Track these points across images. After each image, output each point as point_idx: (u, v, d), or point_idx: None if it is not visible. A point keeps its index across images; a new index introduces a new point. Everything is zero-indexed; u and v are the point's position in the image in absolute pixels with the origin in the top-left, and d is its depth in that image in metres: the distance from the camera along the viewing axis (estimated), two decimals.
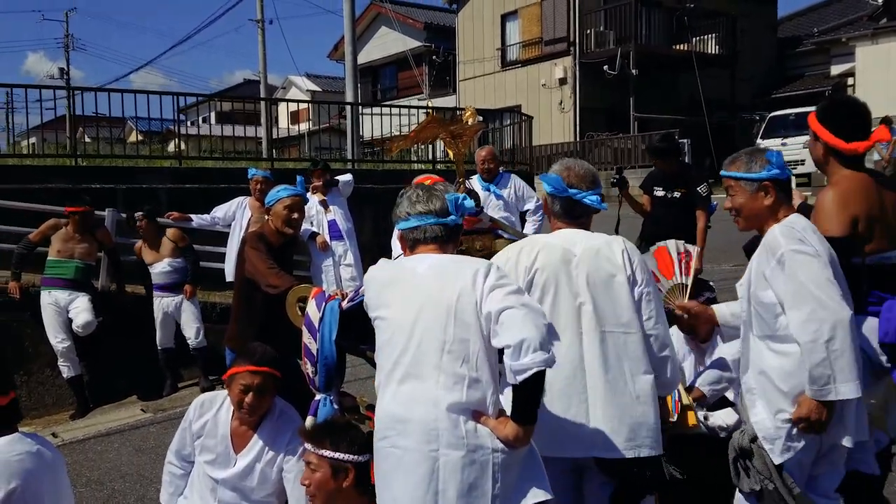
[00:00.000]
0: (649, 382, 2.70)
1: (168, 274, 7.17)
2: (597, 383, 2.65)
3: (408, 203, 2.58)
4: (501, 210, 6.62)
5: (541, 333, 2.22)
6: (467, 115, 3.93)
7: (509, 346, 2.23)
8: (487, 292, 2.34)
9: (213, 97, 20.13)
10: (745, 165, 2.88)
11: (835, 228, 2.95)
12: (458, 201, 2.56)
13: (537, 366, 2.19)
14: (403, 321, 2.43)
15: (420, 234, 2.55)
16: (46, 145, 16.73)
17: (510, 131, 15.13)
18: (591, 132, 21.32)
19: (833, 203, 2.99)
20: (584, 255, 2.75)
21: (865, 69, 17.04)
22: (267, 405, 3.29)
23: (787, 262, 2.69)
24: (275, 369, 3.28)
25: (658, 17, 21.86)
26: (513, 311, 2.27)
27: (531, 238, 2.95)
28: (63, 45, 39.56)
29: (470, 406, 2.36)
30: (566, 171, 2.85)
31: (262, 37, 24.36)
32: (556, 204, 2.85)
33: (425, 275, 2.46)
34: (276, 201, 4.14)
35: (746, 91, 23.74)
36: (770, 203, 2.83)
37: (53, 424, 6.99)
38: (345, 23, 14.40)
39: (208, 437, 3.33)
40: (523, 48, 23.58)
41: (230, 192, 8.00)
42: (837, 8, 25.51)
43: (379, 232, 9.55)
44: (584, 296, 2.70)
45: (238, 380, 3.21)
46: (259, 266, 3.88)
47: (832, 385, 2.60)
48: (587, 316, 2.69)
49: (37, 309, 6.99)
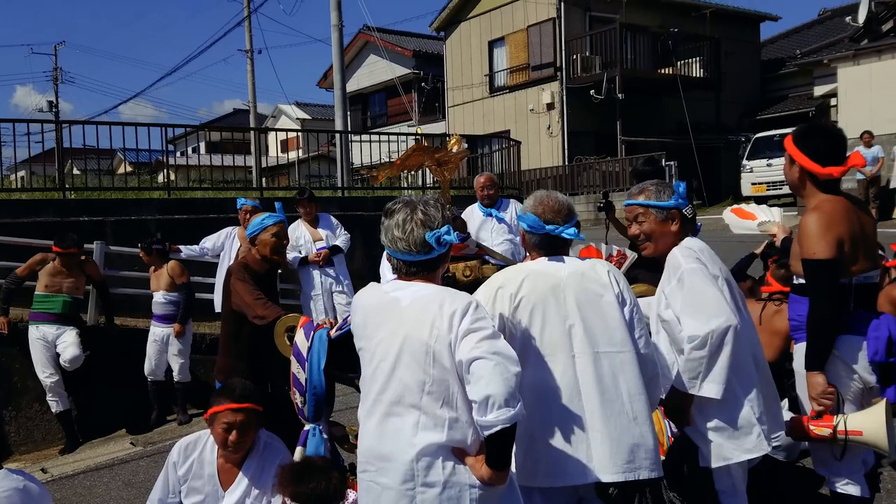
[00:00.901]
0: (646, 402, 2.69)
1: (162, 305, 7.17)
2: (594, 406, 2.62)
3: (390, 237, 2.49)
4: (506, 234, 6.65)
5: (507, 388, 2.19)
6: (452, 143, 3.96)
7: (475, 402, 2.22)
8: (461, 337, 2.30)
9: (203, 127, 20.15)
10: (654, 195, 3.11)
11: (822, 251, 2.99)
12: (440, 237, 2.46)
13: (501, 423, 2.18)
14: (385, 357, 2.42)
15: (403, 268, 2.51)
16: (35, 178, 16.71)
17: (499, 156, 15.22)
18: (580, 156, 21.45)
19: (818, 226, 3.02)
20: (570, 278, 2.74)
21: (848, 90, 17.21)
22: (250, 442, 3.28)
23: (685, 279, 2.91)
24: (256, 403, 3.26)
25: (643, 42, 22.10)
26: (482, 362, 2.23)
27: (517, 266, 2.93)
28: (52, 78, 39.71)
29: (450, 445, 2.36)
30: (540, 206, 2.83)
31: (252, 66, 24.50)
32: (535, 239, 2.86)
33: (407, 310, 2.42)
34: (262, 230, 4.09)
35: (732, 113, 23.97)
36: (676, 229, 3.06)
37: (43, 460, 6.92)
38: (333, 52, 14.52)
39: (195, 479, 3.30)
40: (511, 74, 23.77)
41: (219, 223, 8.01)
42: (819, 30, 25.84)
43: (370, 258, 9.56)
44: (574, 318, 2.68)
45: (220, 418, 3.19)
46: (246, 297, 3.86)
47: (699, 381, 2.86)
48: (578, 338, 2.67)
49: (25, 344, 6.95)
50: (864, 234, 3.10)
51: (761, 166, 18.61)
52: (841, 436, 3.05)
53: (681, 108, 20.40)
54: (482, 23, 24.32)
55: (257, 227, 4.11)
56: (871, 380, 3.10)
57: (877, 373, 3.09)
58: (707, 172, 20.78)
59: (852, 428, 3.04)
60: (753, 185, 19.01)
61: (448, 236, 2.48)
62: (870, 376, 3.10)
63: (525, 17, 22.80)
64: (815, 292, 3.05)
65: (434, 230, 2.45)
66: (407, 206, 2.50)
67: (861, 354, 3.07)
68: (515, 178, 14.68)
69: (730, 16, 24.54)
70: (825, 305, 3.02)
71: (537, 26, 22.41)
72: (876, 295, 3.20)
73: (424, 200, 2.54)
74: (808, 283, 3.10)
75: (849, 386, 3.12)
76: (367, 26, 23.64)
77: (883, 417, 3.00)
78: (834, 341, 3.07)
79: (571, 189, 20.52)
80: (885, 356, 3.02)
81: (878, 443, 3.02)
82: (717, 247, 3.22)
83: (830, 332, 3.06)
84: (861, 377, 3.10)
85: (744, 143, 21.12)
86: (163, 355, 7.26)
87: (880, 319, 3.08)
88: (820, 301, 3.03)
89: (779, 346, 4.34)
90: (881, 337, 3.03)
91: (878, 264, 3.25)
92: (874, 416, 3.02)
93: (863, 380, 3.11)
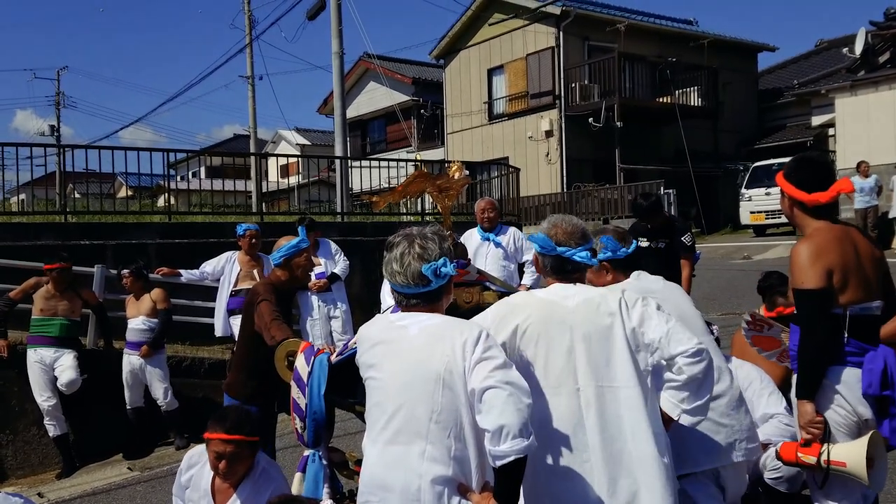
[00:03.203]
0: (652, 441, 2.54)
1: (141, 332, 7.14)
2: (595, 441, 2.53)
3: (390, 270, 2.51)
4: (501, 259, 6.67)
5: (521, 418, 2.19)
6: (454, 170, 3.97)
7: (488, 431, 2.21)
8: (473, 366, 2.30)
9: (204, 152, 20.26)
10: None
11: (809, 281, 3.01)
12: (437, 270, 2.46)
13: (515, 454, 2.17)
14: (393, 386, 2.42)
15: (404, 300, 2.53)
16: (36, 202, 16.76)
17: (498, 183, 15.28)
18: (578, 183, 21.55)
19: (807, 256, 3.05)
20: (578, 308, 2.64)
21: (845, 120, 17.35)
22: (242, 470, 3.28)
23: None
24: (250, 432, 3.28)
25: (641, 71, 22.29)
26: (495, 391, 2.23)
27: (524, 294, 2.87)
28: (54, 103, 39.89)
29: (456, 479, 2.34)
30: (553, 228, 2.79)
31: (252, 92, 24.63)
32: (547, 262, 2.81)
33: (416, 339, 2.42)
34: (297, 252, 4.29)
35: (730, 142, 24.12)
36: (611, 278, 3.28)
37: (39, 484, 6.88)
38: (334, 79, 14.63)
39: (193, 491, 3.35)
40: (509, 102, 23.94)
41: (219, 247, 8.02)
42: (816, 61, 26.08)
43: (369, 284, 9.57)
44: (579, 350, 2.59)
45: (212, 447, 3.22)
46: (266, 317, 3.97)
47: None
48: (582, 370, 2.58)
49: (23, 367, 6.94)
50: (860, 265, 3.09)
51: (760, 195, 18.69)
52: (825, 465, 3.05)
53: (679, 136, 20.54)
54: (481, 51, 24.54)
55: (292, 249, 4.28)
56: (864, 412, 3.07)
57: (872, 406, 3.06)
58: (705, 200, 20.86)
59: (836, 458, 3.03)
60: (752, 214, 19.08)
61: (445, 268, 2.48)
62: (864, 409, 3.06)
63: (524, 46, 23.01)
64: (805, 321, 3.06)
65: (431, 262, 2.46)
66: (406, 240, 2.52)
67: (854, 386, 3.05)
68: (514, 204, 14.73)
69: (727, 46, 24.78)
70: (814, 334, 3.02)
71: (536, 55, 22.63)
72: (877, 328, 3.12)
73: (423, 234, 2.54)
74: (797, 312, 3.11)
75: (839, 417, 3.10)
76: (368, 53, 23.81)
77: (864, 450, 2.97)
78: (825, 371, 3.06)
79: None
80: (880, 389, 2.99)
81: (858, 474, 3.01)
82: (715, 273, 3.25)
83: (820, 362, 3.05)
84: (854, 409, 3.07)
85: (742, 172, 21.22)
86: (138, 384, 7.23)
87: (877, 351, 3.05)
88: (809, 330, 3.03)
89: (780, 374, 4.34)
90: (875, 369, 3.01)
91: (875, 296, 3.13)
92: (857, 448, 3.01)
93: (856, 412, 3.07)
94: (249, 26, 24.14)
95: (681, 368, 2.54)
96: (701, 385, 2.57)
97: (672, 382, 2.59)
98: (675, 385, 2.58)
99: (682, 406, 2.59)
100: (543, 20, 22.11)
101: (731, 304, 10.23)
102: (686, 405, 2.59)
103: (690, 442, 3.00)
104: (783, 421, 3.91)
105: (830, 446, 3.06)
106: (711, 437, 3.09)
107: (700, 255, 6.63)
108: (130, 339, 7.16)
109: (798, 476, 3.88)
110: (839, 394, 3.08)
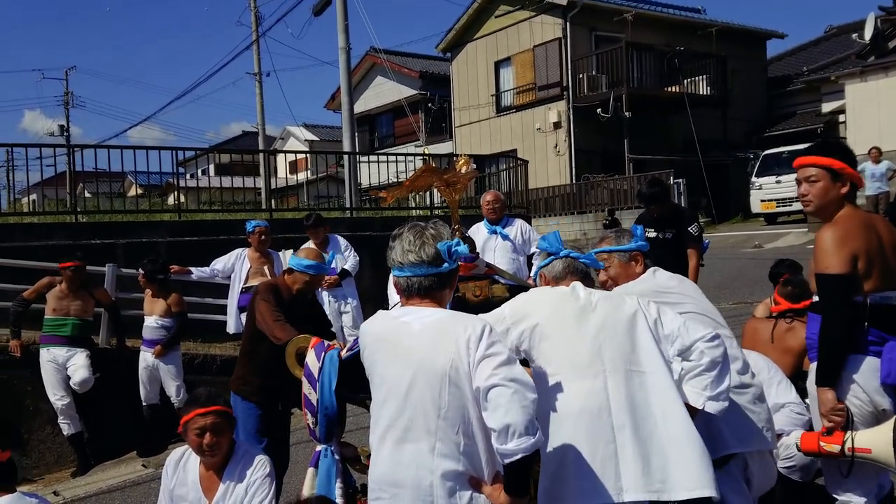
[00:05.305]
0: (684, 422, 2.58)
1: (154, 330, 7.15)
2: (624, 423, 2.53)
3: (400, 251, 2.47)
4: (509, 252, 6.64)
5: (526, 416, 2.19)
6: (461, 164, 3.97)
7: (495, 430, 2.21)
8: (477, 363, 2.29)
9: (212, 150, 20.31)
10: (615, 241, 3.30)
11: (834, 265, 2.98)
12: (451, 248, 2.45)
13: (523, 452, 2.18)
14: (398, 383, 2.40)
15: (413, 285, 2.47)
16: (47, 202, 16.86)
17: (506, 176, 15.26)
18: (587, 174, 21.48)
19: (832, 241, 3.02)
20: (601, 302, 2.73)
21: (855, 106, 17.23)
22: (226, 444, 3.29)
23: None
24: (225, 406, 3.31)
25: (649, 60, 22.17)
26: (500, 389, 2.22)
27: (544, 288, 2.92)
28: (63, 103, 40.09)
29: (467, 473, 2.34)
30: None
31: (260, 89, 24.70)
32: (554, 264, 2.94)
33: (419, 335, 2.40)
34: (315, 275, 4.40)
35: (739, 130, 23.98)
36: (641, 270, 3.23)
37: (55, 482, 6.93)
38: (341, 74, 14.65)
39: (180, 486, 3.35)
40: (517, 94, 23.87)
41: (229, 244, 8.05)
42: (825, 47, 25.87)
43: (378, 279, 9.55)
44: (605, 336, 2.64)
45: (191, 426, 3.22)
46: (266, 318, 4.01)
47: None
48: (608, 355, 2.61)
49: (37, 367, 6.98)
50: (883, 253, 3.06)
51: (770, 183, 18.59)
52: (849, 453, 3.03)
53: (688, 125, 20.43)
54: (488, 43, 24.47)
55: (312, 271, 4.35)
56: (882, 402, 3.05)
57: (891, 395, 3.05)
58: (715, 190, 20.76)
59: (860, 445, 3.02)
60: (763, 202, 18.98)
61: (459, 248, 2.47)
62: (881, 398, 3.04)
63: (531, 38, 22.93)
64: (827, 307, 3.03)
65: (446, 241, 2.47)
66: (416, 226, 2.52)
67: (872, 375, 3.03)
68: (523, 196, 14.71)
69: (736, 33, 24.61)
70: (837, 321, 2.99)
71: (543, 46, 22.54)
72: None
73: (433, 222, 2.57)
74: (820, 297, 3.08)
75: (854, 408, 3.08)
76: (374, 48, 23.82)
77: (891, 435, 2.96)
78: (846, 358, 3.04)
79: (579, 207, 20.54)
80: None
81: (886, 460, 2.99)
82: (724, 262, 3.24)
83: (841, 349, 3.03)
84: (871, 399, 3.05)
85: (752, 160, 21.10)
86: (154, 381, 7.27)
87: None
88: (832, 316, 3.00)
89: (791, 364, 4.32)
90: (895, 359, 2.99)
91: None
92: (883, 434, 2.99)
93: (873, 402, 3.05)
94: (256, 23, 24.20)
95: (703, 352, 2.65)
96: (721, 369, 2.67)
97: (693, 370, 2.67)
98: (698, 370, 2.67)
99: (706, 393, 2.66)
100: (550, 11, 22.02)
101: (742, 293, 10.18)
102: (710, 391, 2.65)
103: (722, 424, 2.99)
104: (795, 410, 3.89)
105: (854, 434, 3.04)
106: (743, 422, 3.09)
107: (708, 245, 6.60)
108: (146, 337, 7.22)
109: (811, 464, 3.87)
110: (856, 383, 3.06)
